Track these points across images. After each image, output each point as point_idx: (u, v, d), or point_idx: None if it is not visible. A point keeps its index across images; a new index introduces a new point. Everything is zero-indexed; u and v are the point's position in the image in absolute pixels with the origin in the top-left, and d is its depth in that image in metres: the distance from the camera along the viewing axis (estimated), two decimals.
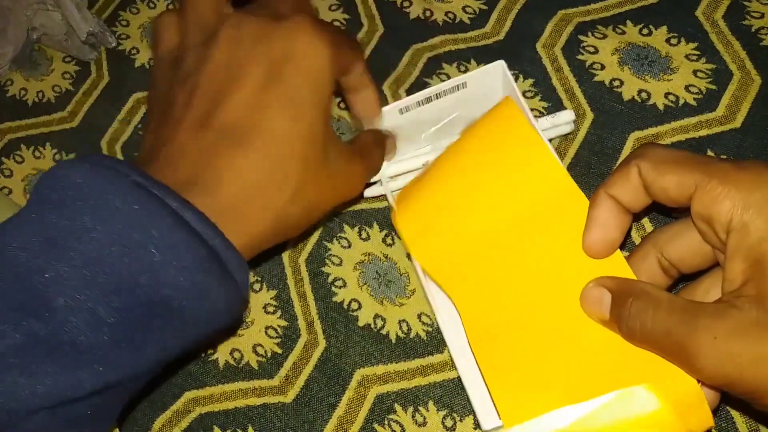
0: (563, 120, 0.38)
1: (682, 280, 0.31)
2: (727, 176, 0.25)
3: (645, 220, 0.37)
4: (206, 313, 0.26)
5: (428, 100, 0.37)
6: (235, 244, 0.26)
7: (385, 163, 0.38)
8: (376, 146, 0.34)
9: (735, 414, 0.33)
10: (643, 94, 0.40)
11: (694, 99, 0.40)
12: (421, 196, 0.34)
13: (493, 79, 0.38)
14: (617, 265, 0.29)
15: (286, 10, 0.29)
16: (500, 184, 0.32)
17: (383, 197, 0.40)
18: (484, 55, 0.44)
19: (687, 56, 0.41)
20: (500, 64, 0.37)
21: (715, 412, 0.33)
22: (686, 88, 0.40)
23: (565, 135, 0.40)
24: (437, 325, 0.37)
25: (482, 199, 0.32)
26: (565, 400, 0.27)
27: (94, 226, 0.24)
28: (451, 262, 0.32)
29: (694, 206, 0.26)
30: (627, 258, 0.30)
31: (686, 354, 0.24)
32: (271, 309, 0.39)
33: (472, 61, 0.44)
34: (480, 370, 0.31)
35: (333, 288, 0.39)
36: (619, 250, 0.29)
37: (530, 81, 0.42)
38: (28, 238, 0.24)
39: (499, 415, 0.29)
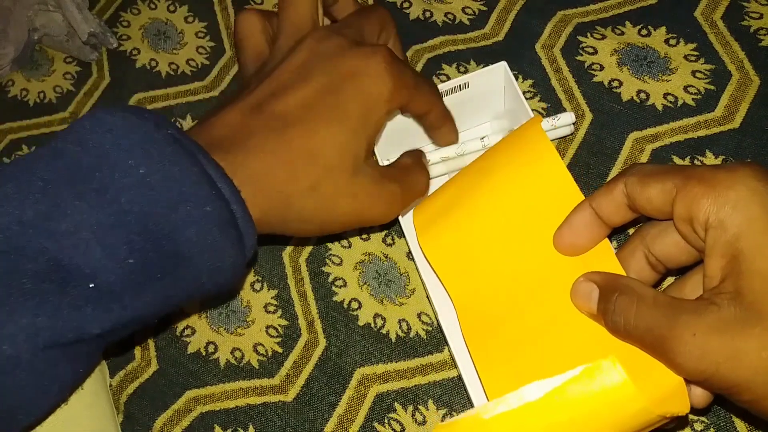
0: (564, 122, 0.38)
1: (675, 273, 0.31)
2: (704, 177, 0.26)
3: None
4: (212, 271, 0.28)
5: None
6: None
7: (384, 162, 0.38)
8: (416, 169, 0.34)
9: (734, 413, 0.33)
10: (642, 95, 0.41)
11: (693, 99, 0.40)
12: (438, 193, 0.35)
13: (495, 79, 0.38)
14: (607, 261, 0.30)
15: (371, 33, 0.33)
16: (508, 183, 0.33)
17: None
18: (484, 56, 0.44)
19: (686, 57, 0.41)
20: (502, 66, 0.37)
21: (708, 409, 0.33)
22: (685, 88, 0.40)
23: (565, 137, 0.40)
24: (437, 323, 0.37)
25: (489, 196, 0.33)
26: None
27: (128, 172, 0.25)
28: (452, 252, 0.33)
29: (676, 208, 0.27)
30: (617, 252, 0.30)
31: (666, 349, 0.25)
32: (271, 308, 0.39)
33: (472, 62, 0.44)
34: (468, 350, 0.31)
35: (333, 287, 0.39)
36: (609, 245, 0.30)
37: (529, 81, 0.42)
38: (60, 172, 0.25)
39: (484, 389, 0.30)
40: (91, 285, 0.24)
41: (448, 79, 0.44)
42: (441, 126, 0.36)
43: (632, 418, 0.26)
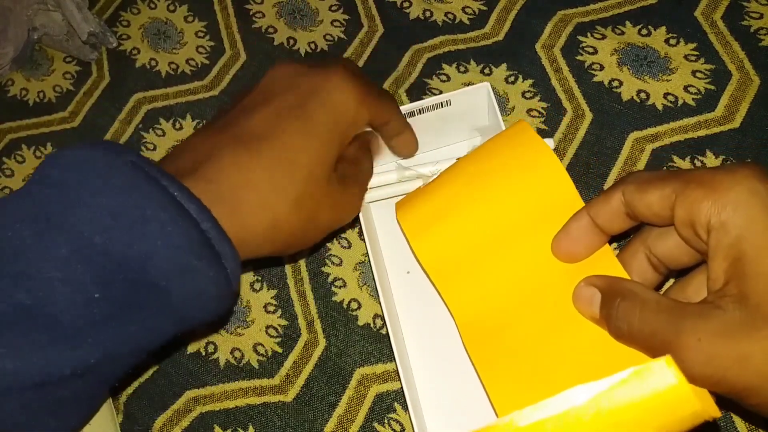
0: None
1: (677, 275, 0.31)
2: (703, 179, 0.26)
3: None
4: (193, 298, 0.26)
5: (411, 114, 0.37)
6: (228, 234, 0.27)
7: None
8: (364, 158, 0.35)
9: (735, 414, 0.33)
10: (642, 95, 0.40)
11: (693, 99, 0.40)
12: (426, 197, 0.35)
13: (478, 99, 0.37)
14: (609, 264, 0.30)
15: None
16: (506, 187, 0.32)
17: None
18: (484, 56, 0.44)
19: (686, 57, 0.41)
20: (485, 86, 0.37)
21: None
22: (685, 88, 0.40)
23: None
24: (387, 329, 0.36)
25: (486, 201, 0.33)
26: (560, 390, 0.27)
27: (87, 202, 0.25)
28: (449, 258, 0.33)
29: (676, 213, 0.26)
30: (618, 254, 0.30)
31: (671, 355, 0.24)
32: (271, 308, 0.39)
33: (472, 62, 0.44)
34: (473, 364, 0.31)
35: (333, 288, 0.39)
36: (610, 248, 0.30)
37: (529, 81, 0.42)
38: (24, 212, 0.25)
39: (493, 406, 0.29)
40: (56, 325, 0.23)
41: (449, 79, 0.44)
42: (400, 133, 0.36)
43: (681, 422, 0.25)
